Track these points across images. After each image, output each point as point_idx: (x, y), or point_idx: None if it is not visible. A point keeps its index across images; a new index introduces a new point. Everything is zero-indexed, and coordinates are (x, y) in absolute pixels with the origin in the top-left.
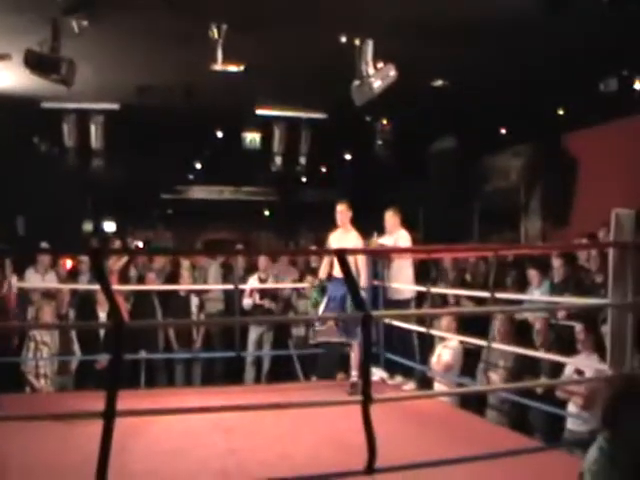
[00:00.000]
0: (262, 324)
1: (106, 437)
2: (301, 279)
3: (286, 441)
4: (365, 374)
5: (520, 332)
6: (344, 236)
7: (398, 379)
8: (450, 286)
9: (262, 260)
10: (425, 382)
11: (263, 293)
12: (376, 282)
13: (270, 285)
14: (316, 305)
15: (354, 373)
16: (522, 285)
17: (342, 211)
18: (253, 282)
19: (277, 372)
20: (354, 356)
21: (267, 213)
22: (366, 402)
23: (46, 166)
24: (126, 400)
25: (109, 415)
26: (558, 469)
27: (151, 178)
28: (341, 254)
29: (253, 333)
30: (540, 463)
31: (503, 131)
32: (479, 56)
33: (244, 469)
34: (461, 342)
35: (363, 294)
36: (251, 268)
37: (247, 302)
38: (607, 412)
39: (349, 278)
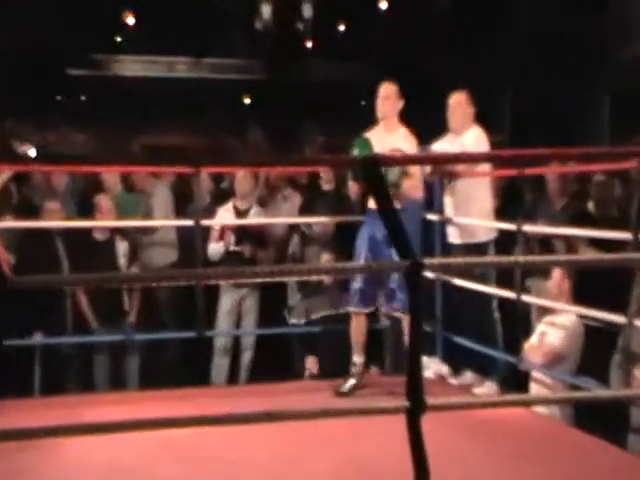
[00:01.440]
0: (241, 283)
1: None
2: (305, 210)
3: (281, 475)
4: (413, 365)
5: None
6: (387, 138)
7: (467, 376)
8: (558, 222)
9: (241, 179)
10: (514, 382)
11: (242, 234)
12: (431, 216)
13: (254, 220)
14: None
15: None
16: None
17: (388, 96)
18: (225, 216)
19: (266, 364)
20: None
21: (248, 102)
22: (415, 410)
23: None
24: (8, 414)
25: None
26: None
27: (50, 42)
28: (371, 164)
29: (227, 299)
30: None
31: None
32: None
33: None
34: (580, 317)
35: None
36: (223, 193)
37: (215, 248)
38: None
39: (384, 205)
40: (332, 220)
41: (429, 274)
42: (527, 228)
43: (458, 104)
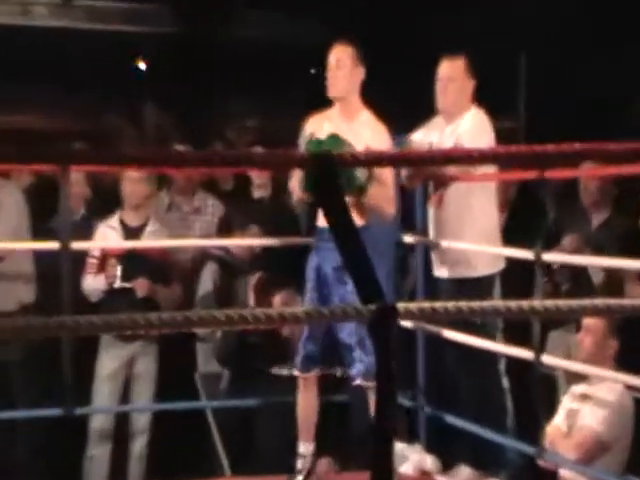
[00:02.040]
0: (130, 336)
1: None
2: (227, 229)
3: None
4: (381, 457)
5: None
6: (345, 127)
7: (463, 472)
8: (596, 247)
9: (131, 182)
10: None
11: (133, 262)
12: (410, 237)
13: (150, 243)
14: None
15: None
16: None
17: (341, 63)
18: (109, 235)
19: (168, 453)
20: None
21: (144, 66)
22: None
23: None
24: None
25: None
26: None
27: None
28: (324, 165)
29: (109, 359)
30: None
31: None
32: None
33: None
34: (629, 388)
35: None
36: (106, 202)
37: (93, 283)
38: None
39: (340, 222)
40: (261, 242)
41: (407, 323)
42: (550, 257)
43: (452, 75)
